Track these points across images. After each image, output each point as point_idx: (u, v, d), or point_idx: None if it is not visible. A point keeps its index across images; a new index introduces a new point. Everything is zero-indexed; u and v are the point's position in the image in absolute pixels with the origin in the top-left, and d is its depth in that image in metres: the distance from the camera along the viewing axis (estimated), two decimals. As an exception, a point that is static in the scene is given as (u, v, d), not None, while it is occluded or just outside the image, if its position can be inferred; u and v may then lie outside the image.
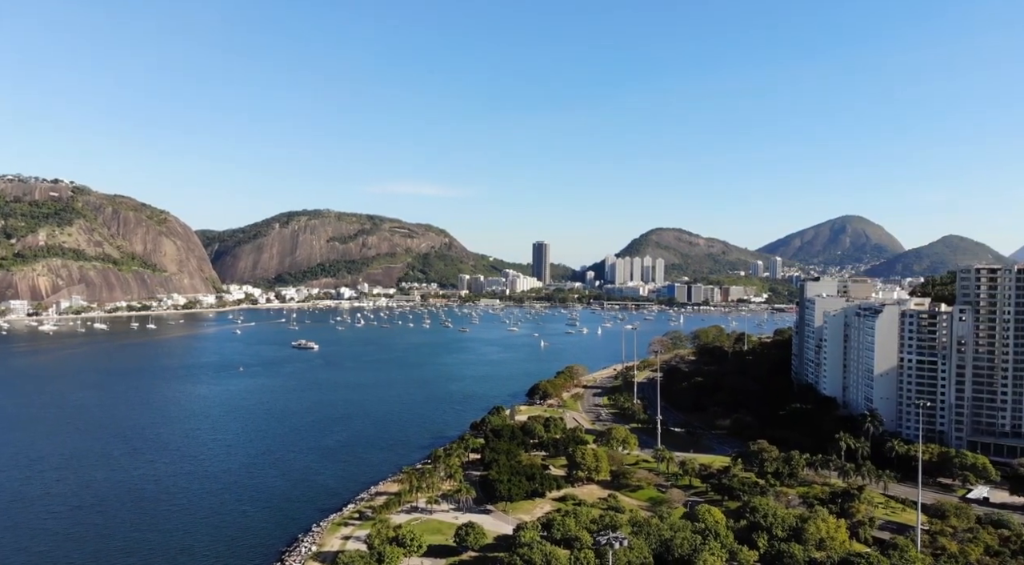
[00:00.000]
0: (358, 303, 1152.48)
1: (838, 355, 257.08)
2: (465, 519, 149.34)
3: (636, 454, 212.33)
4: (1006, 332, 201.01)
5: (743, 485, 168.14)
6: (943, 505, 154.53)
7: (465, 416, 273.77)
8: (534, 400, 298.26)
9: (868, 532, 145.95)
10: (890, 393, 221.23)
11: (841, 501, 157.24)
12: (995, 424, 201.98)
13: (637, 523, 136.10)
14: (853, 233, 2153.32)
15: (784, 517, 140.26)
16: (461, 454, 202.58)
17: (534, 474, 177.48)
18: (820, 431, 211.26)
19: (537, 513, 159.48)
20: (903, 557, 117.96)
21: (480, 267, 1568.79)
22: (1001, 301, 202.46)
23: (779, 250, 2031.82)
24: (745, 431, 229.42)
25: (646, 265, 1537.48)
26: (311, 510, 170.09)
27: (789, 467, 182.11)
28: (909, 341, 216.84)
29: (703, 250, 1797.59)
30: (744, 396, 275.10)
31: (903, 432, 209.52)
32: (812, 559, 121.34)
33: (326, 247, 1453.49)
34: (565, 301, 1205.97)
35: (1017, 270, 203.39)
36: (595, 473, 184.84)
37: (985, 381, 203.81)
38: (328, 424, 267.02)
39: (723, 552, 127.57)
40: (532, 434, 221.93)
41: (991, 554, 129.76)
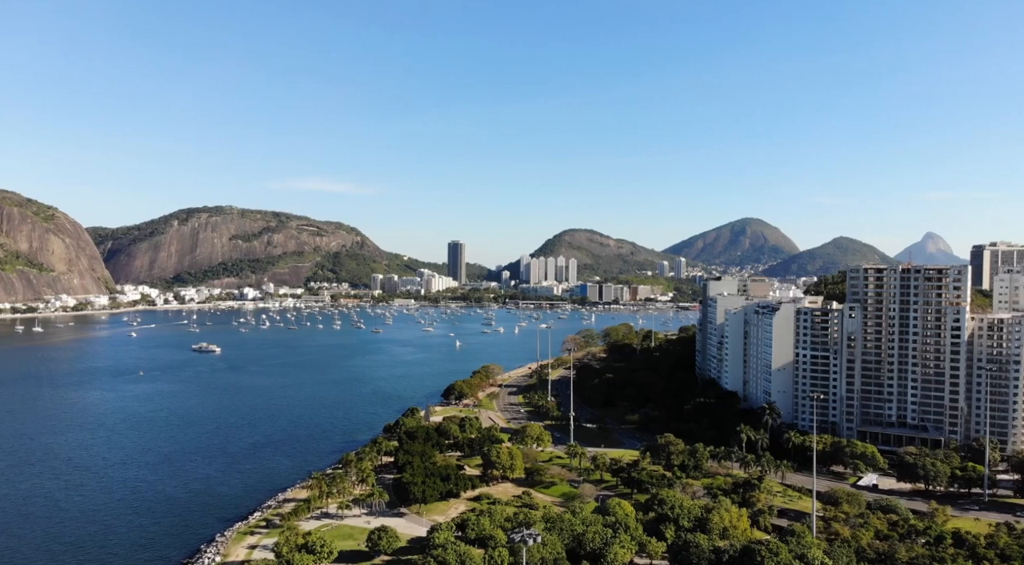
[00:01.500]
0: (263, 304, 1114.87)
1: (739, 351, 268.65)
2: (378, 523, 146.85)
3: (550, 451, 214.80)
4: (891, 328, 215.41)
5: (651, 478, 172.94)
6: (836, 492, 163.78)
7: (378, 419, 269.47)
8: (450, 400, 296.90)
9: (768, 520, 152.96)
10: (787, 387, 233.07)
11: (743, 491, 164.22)
12: (883, 415, 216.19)
13: (550, 519, 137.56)
14: (752, 235, 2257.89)
15: (690, 508, 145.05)
16: (373, 458, 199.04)
17: (449, 475, 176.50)
18: (723, 424, 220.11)
19: (452, 514, 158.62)
20: (800, 543, 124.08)
21: (394, 266, 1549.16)
22: (887, 299, 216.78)
23: (684, 251, 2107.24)
24: (653, 425, 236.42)
25: (560, 265, 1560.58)
26: (214, 520, 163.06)
27: (694, 459, 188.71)
28: (804, 337, 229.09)
29: (613, 251, 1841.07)
30: (652, 391, 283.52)
31: (799, 423, 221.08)
32: (716, 548, 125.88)
33: (229, 245, 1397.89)
34: (481, 301, 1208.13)
35: (901, 270, 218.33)
36: (510, 471, 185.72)
37: (873, 374, 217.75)
38: (232, 430, 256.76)
39: (633, 544, 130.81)
40: (447, 435, 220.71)
41: (880, 538, 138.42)
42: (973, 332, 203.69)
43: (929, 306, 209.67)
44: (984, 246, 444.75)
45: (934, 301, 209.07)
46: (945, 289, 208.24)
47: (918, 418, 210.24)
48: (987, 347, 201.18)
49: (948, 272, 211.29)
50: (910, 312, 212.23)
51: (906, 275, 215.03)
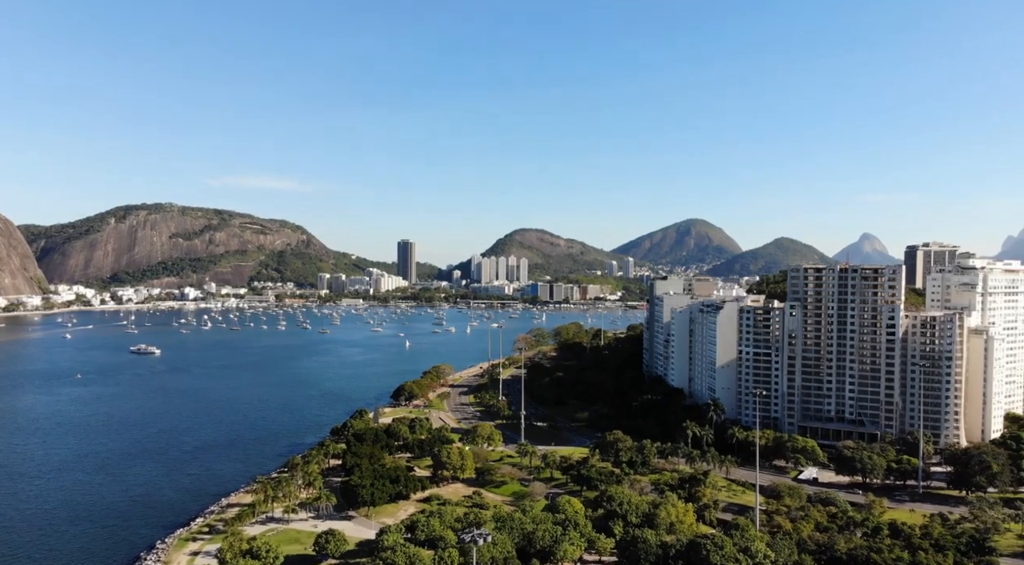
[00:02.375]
0: (205, 304, 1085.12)
1: (684, 349, 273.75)
2: (325, 527, 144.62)
3: (501, 450, 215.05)
4: (830, 326, 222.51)
5: (600, 475, 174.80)
6: (778, 486, 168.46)
7: (326, 421, 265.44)
8: (399, 401, 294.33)
9: (713, 514, 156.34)
10: (731, 383, 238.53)
11: (689, 486, 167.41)
12: (822, 410, 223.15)
13: (501, 518, 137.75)
14: (697, 235, 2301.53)
15: (638, 504, 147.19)
16: (321, 460, 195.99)
17: (398, 477, 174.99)
18: (669, 420, 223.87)
19: (401, 516, 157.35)
20: (744, 536, 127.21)
21: (341, 266, 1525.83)
22: (826, 298, 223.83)
23: (632, 251, 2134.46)
24: (602, 422, 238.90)
25: (511, 264, 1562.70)
26: (155, 527, 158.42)
27: (642, 456, 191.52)
28: (747, 335, 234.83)
29: (564, 250, 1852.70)
30: (601, 389, 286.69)
31: (742, 419, 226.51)
32: (663, 543, 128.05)
33: (168, 244, 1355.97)
34: (432, 300, 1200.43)
35: (839, 270, 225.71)
36: (461, 471, 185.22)
37: (813, 371, 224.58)
38: (174, 434, 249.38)
39: (582, 541, 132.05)
40: (397, 436, 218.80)
41: (820, 530, 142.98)
42: (907, 329, 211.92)
43: (866, 304, 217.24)
44: (917, 246, 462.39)
45: (870, 300, 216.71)
46: (881, 288, 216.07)
47: (856, 413, 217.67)
48: (920, 344, 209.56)
49: (883, 272, 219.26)
50: (848, 310, 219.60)
51: (844, 275, 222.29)
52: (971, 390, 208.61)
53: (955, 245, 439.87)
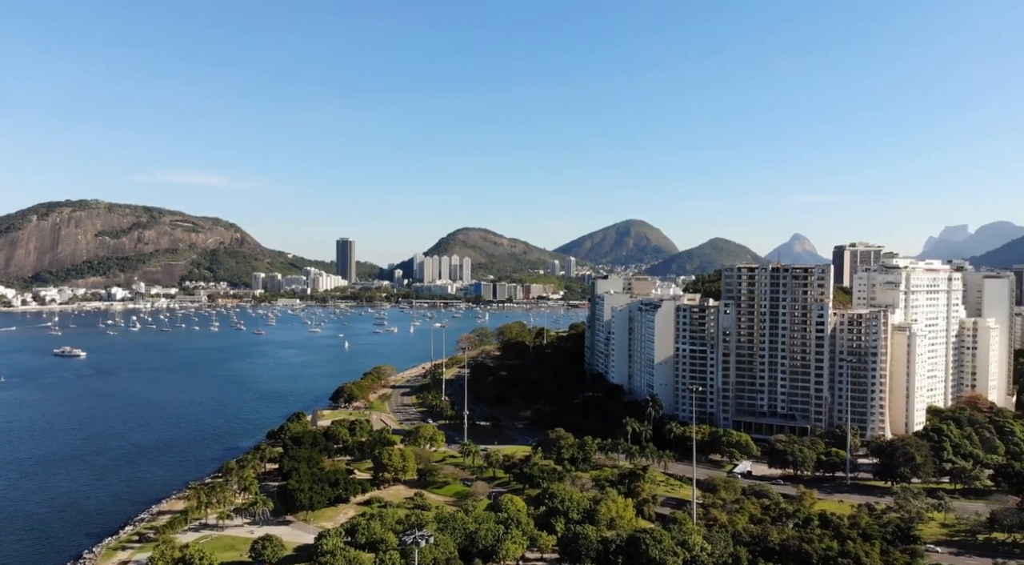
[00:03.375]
0: (133, 305, 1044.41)
1: (624, 346, 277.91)
2: (262, 532, 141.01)
3: (444, 450, 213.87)
4: (763, 323, 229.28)
5: (542, 473, 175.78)
6: (714, 480, 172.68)
7: (262, 425, 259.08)
8: (339, 404, 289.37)
9: (652, 509, 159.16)
10: (668, 380, 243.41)
11: (628, 481, 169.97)
12: (755, 405, 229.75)
13: (443, 519, 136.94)
14: (636, 235, 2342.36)
15: (579, 500, 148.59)
16: (257, 465, 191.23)
17: (337, 480, 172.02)
18: (610, 417, 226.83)
19: (341, 519, 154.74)
20: (681, 530, 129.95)
21: (277, 265, 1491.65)
22: (759, 296, 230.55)
23: (574, 250, 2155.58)
24: (544, 420, 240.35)
25: (454, 264, 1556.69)
26: (81, 536, 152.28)
27: (583, 452, 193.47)
28: (683, 332, 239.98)
29: (507, 250, 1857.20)
30: (544, 387, 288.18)
31: (680, 415, 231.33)
32: (604, 539, 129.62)
33: (95, 242, 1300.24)
34: (372, 300, 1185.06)
35: (771, 269, 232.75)
36: (402, 473, 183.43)
37: (746, 367, 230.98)
38: (101, 440, 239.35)
39: (524, 539, 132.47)
40: (336, 439, 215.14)
41: (754, 522, 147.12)
42: (835, 326, 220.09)
43: (796, 303, 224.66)
44: (845, 246, 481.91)
45: (800, 298, 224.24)
46: (810, 287, 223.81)
47: (787, 407, 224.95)
48: (848, 340, 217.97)
49: (813, 271, 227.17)
50: (779, 308, 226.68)
51: (775, 274, 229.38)
52: (895, 384, 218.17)
53: (880, 245, 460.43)
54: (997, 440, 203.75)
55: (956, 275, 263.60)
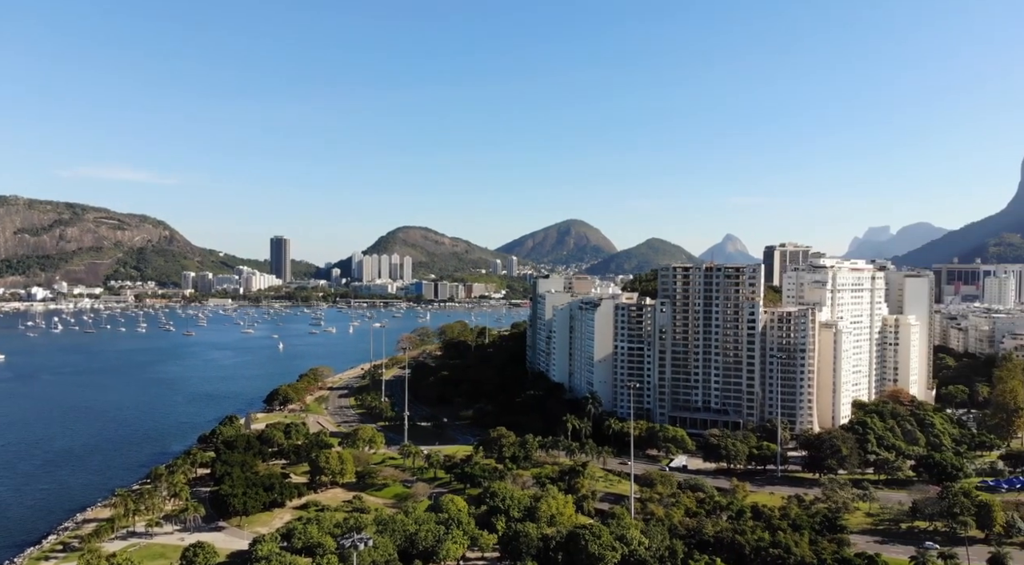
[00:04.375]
0: (55, 305, 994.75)
1: (565, 345, 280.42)
2: (193, 539, 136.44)
3: (383, 452, 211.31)
4: (697, 321, 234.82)
5: (484, 472, 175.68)
6: (651, 475, 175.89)
7: (192, 429, 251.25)
8: (273, 406, 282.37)
9: (591, 505, 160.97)
10: (607, 377, 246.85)
11: (568, 478, 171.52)
12: (690, 401, 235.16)
13: (382, 521, 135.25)
14: (576, 235, 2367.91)
15: (520, 498, 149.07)
16: (187, 470, 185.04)
17: (273, 484, 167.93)
18: (550, 415, 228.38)
19: (276, 524, 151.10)
20: (620, 525, 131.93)
21: (208, 263, 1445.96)
22: (693, 295, 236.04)
23: (515, 250, 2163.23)
24: (486, 419, 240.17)
25: (394, 262, 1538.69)
26: (1, 547, 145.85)
27: (524, 450, 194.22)
28: (621, 331, 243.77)
29: (448, 249, 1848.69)
30: (486, 386, 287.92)
31: (618, 411, 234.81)
32: (544, 536, 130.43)
33: (13, 240, 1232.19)
34: (308, 300, 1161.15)
35: (705, 269, 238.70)
36: (340, 476, 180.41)
37: (681, 364, 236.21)
38: (22, 447, 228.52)
39: (465, 539, 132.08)
40: (271, 442, 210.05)
41: (690, 515, 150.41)
42: (766, 324, 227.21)
43: (729, 301, 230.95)
44: (775, 247, 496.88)
45: (733, 297, 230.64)
46: (742, 286, 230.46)
47: (720, 403, 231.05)
48: (777, 337, 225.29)
49: (744, 270, 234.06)
50: (712, 307, 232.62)
51: (709, 273, 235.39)
52: (822, 379, 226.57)
53: (808, 246, 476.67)
54: (918, 432, 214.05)
55: (879, 274, 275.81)
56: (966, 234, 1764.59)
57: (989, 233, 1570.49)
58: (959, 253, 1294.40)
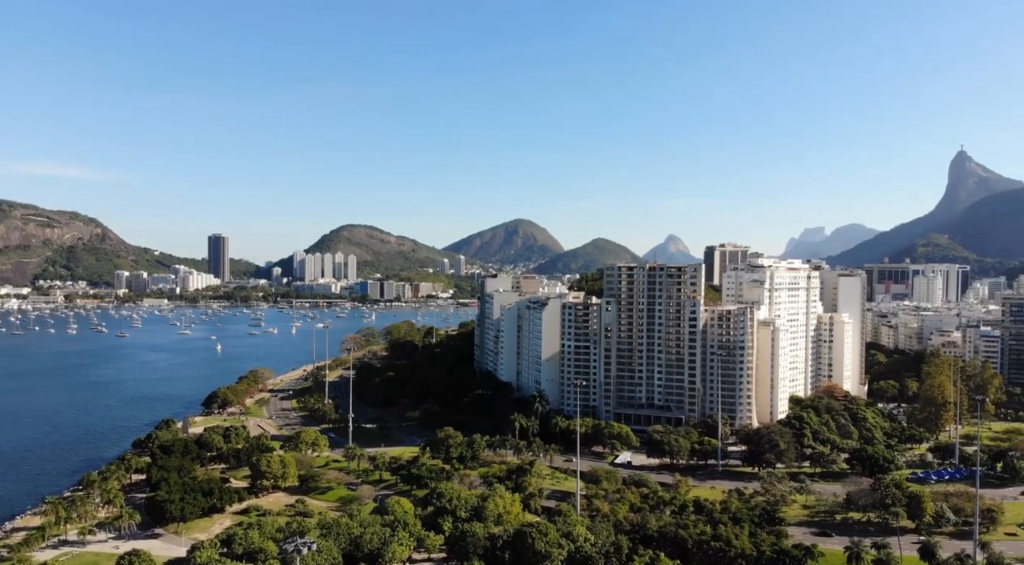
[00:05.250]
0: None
1: (513, 344, 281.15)
2: (128, 547, 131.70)
3: (327, 455, 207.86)
4: (641, 320, 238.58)
5: (430, 473, 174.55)
6: (597, 471, 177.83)
7: (127, 433, 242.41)
8: (212, 409, 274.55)
9: (538, 503, 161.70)
10: (555, 375, 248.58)
11: (516, 477, 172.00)
12: (635, 397, 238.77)
13: (326, 525, 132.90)
14: (524, 235, 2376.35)
15: (467, 498, 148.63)
16: (122, 476, 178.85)
17: (212, 489, 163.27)
18: (498, 414, 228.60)
19: (216, 530, 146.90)
20: (566, 522, 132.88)
21: (143, 262, 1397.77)
22: (637, 294, 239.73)
23: (463, 249, 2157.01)
24: (433, 420, 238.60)
25: (338, 262, 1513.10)
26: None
27: (472, 450, 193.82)
28: (568, 329, 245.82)
29: (394, 248, 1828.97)
30: (433, 387, 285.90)
31: (565, 409, 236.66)
32: (491, 535, 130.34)
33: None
34: (248, 300, 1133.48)
35: (648, 268, 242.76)
36: (282, 480, 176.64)
37: (626, 361, 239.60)
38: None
39: (411, 540, 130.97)
40: (209, 446, 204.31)
41: (634, 510, 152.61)
42: (707, 322, 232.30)
43: (671, 300, 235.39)
44: (715, 247, 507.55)
45: (675, 295, 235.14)
46: (684, 285, 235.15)
47: (664, 399, 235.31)
48: (718, 335, 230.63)
49: (686, 270, 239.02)
50: (656, 305, 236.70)
51: (652, 273, 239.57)
52: (761, 376, 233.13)
53: (747, 246, 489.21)
54: (851, 426, 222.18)
55: (814, 274, 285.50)
56: (896, 235, 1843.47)
57: (918, 234, 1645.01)
58: (889, 253, 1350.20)
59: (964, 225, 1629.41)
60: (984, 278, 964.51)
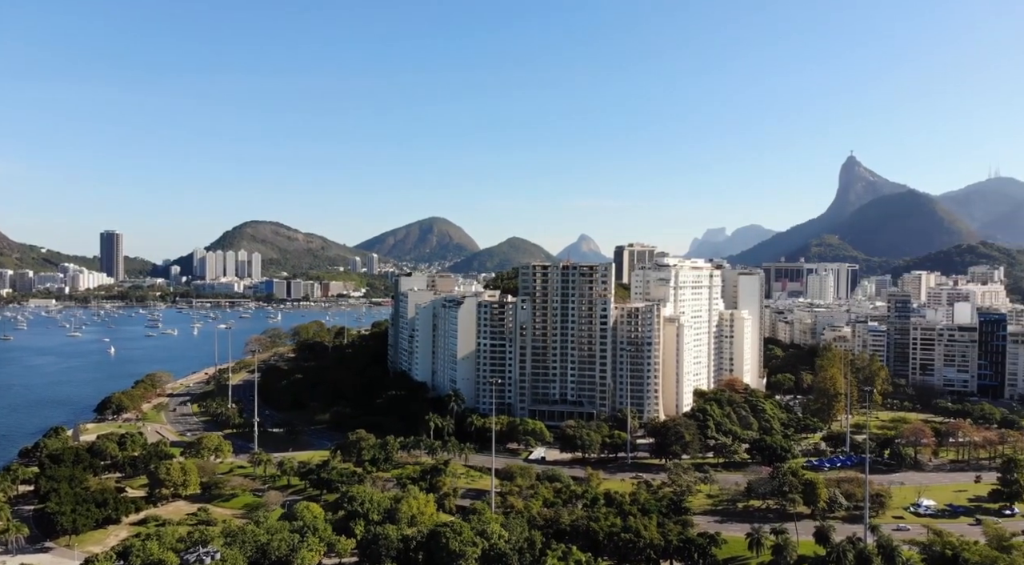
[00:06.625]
0: None
1: (428, 343, 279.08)
2: (16, 562, 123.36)
3: (231, 461, 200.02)
4: (555, 317, 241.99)
5: (341, 476, 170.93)
6: (511, 468, 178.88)
7: (12, 442, 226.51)
8: (106, 416, 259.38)
9: (452, 502, 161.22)
10: (470, 374, 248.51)
11: (430, 477, 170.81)
12: (549, 394, 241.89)
13: (231, 533, 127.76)
14: (439, 233, 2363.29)
15: (380, 501, 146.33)
16: (7, 487, 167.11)
17: (106, 499, 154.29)
18: (413, 414, 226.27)
19: (112, 542, 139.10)
20: (480, 520, 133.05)
21: (29, 260, 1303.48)
22: (551, 292, 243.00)
23: (376, 247, 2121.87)
24: (344, 422, 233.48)
25: (241, 259, 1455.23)
26: None
27: (385, 452, 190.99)
28: (484, 328, 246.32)
29: (302, 245, 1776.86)
30: (344, 388, 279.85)
31: (481, 407, 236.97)
32: (405, 536, 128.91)
33: None
34: (145, 300, 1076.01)
35: (562, 267, 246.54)
36: (183, 488, 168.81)
37: (540, 358, 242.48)
38: None
39: (321, 546, 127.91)
40: (103, 455, 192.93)
41: (548, 505, 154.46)
42: (617, 319, 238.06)
43: (583, 298, 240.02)
44: (624, 247, 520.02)
45: (587, 294, 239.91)
46: (595, 283, 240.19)
47: (576, 395, 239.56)
48: (627, 331, 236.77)
49: (597, 269, 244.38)
50: (569, 303, 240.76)
51: (565, 272, 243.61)
52: (667, 370, 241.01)
53: (653, 246, 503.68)
54: (751, 418, 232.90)
55: (716, 272, 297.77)
56: (792, 235, 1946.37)
57: (811, 234, 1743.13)
58: (785, 253, 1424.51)
59: (853, 226, 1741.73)
60: (872, 276, 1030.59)
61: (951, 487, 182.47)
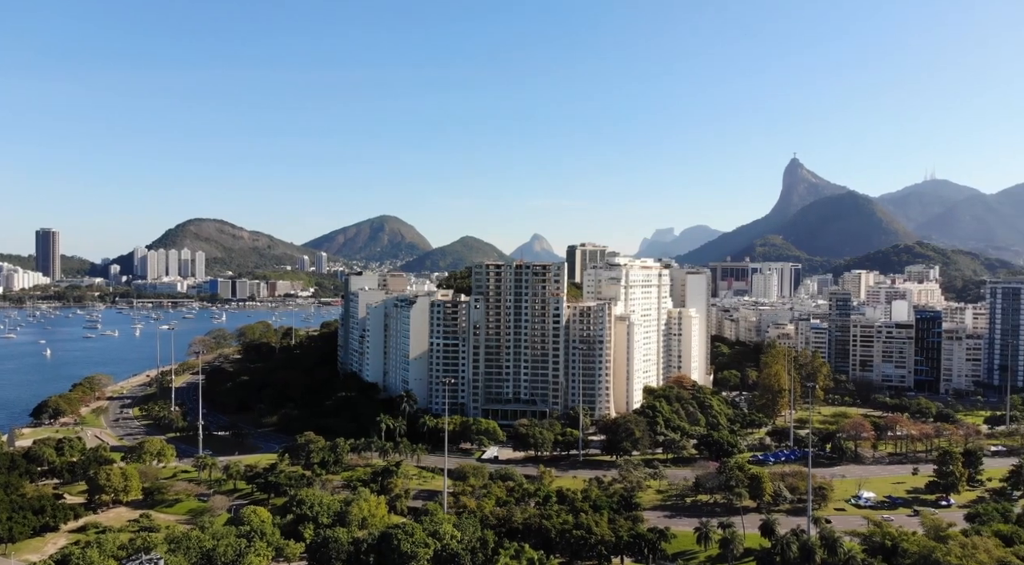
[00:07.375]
0: None
1: (379, 343, 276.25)
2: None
3: (175, 466, 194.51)
4: (508, 317, 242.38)
5: (290, 480, 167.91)
6: (464, 468, 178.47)
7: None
8: (42, 420, 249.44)
9: (404, 503, 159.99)
10: (423, 374, 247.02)
11: (381, 479, 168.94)
12: (502, 393, 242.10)
13: (175, 539, 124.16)
14: (391, 232, 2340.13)
15: (329, 504, 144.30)
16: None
17: (43, 506, 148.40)
18: (364, 416, 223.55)
19: (50, 550, 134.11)
20: (432, 520, 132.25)
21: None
22: (504, 291, 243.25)
23: (325, 246, 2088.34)
24: (293, 425, 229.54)
25: (184, 258, 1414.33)
26: None
27: (334, 455, 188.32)
28: (437, 327, 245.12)
29: (248, 244, 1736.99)
30: (292, 390, 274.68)
31: (433, 408, 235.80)
32: (356, 539, 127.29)
33: None
34: (82, 300, 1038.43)
35: (515, 266, 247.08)
36: (124, 494, 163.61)
37: (494, 358, 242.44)
38: None
39: (269, 550, 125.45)
40: (40, 460, 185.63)
41: (500, 504, 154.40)
42: (569, 318, 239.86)
43: (536, 297, 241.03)
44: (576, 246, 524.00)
45: (540, 293, 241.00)
46: (548, 282, 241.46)
47: (529, 394, 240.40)
48: (579, 330, 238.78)
49: (550, 268, 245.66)
50: (522, 302, 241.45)
51: (519, 271, 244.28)
52: (618, 368, 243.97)
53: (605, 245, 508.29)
54: (699, 414, 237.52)
55: (665, 272, 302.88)
56: (737, 236, 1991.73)
57: (756, 235, 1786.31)
58: (731, 252, 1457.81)
59: (796, 227, 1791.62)
60: (814, 275, 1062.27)
61: (890, 479, 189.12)
